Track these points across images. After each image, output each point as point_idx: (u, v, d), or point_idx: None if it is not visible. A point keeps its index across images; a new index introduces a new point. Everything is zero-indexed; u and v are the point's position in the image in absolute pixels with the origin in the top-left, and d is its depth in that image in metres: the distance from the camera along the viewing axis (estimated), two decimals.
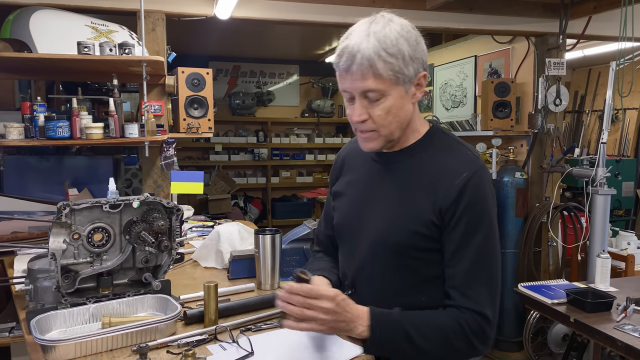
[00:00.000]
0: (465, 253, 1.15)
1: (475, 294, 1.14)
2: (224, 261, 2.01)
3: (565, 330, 3.28)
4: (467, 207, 1.14)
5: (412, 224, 1.17)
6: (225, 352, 1.26)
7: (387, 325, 1.14)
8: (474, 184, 1.14)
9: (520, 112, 4.01)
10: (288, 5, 3.12)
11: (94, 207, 1.48)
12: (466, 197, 1.13)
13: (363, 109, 1.14)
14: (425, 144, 1.24)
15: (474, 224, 1.14)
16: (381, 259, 1.23)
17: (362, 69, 1.09)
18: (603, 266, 2.48)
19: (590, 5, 3.34)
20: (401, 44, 1.10)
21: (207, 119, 2.97)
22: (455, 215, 1.14)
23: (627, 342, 1.88)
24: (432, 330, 1.14)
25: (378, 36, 1.09)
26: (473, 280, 1.15)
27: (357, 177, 1.33)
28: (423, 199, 1.16)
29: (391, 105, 1.13)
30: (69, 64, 2.40)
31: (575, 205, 3.64)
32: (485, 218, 1.16)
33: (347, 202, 1.33)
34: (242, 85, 6.71)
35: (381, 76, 1.10)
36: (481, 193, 1.16)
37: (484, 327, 1.14)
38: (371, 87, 1.11)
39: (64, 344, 1.20)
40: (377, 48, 1.08)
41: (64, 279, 1.46)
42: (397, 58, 1.09)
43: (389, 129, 1.16)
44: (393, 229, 1.19)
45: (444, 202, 1.14)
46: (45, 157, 3.07)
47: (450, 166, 1.17)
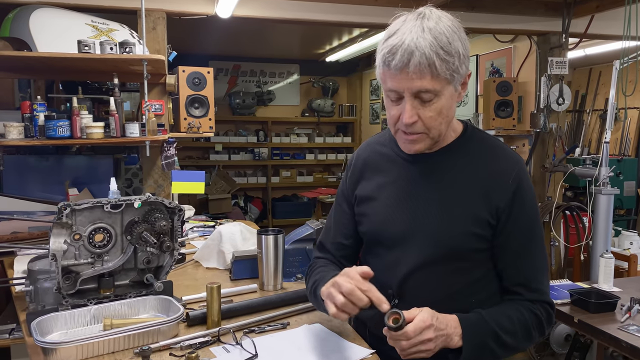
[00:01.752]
0: (529, 249, 1.18)
1: (540, 286, 1.18)
2: (226, 262, 1.99)
3: (568, 331, 3.26)
4: (523, 205, 1.16)
5: (468, 226, 1.14)
6: (228, 354, 1.24)
7: (477, 330, 1.12)
8: (524, 180, 1.17)
9: (522, 112, 4.00)
10: (289, 4, 3.11)
11: (95, 207, 1.47)
12: (520, 196, 1.15)
13: (414, 109, 1.08)
14: (466, 142, 1.21)
15: (531, 220, 1.18)
16: (434, 264, 1.17)
17: (421, 67, 1.02)
18: (606, 266, 2.46)
19: (593, 4, 3.33)
20: (455, 41, 1.05)
21: (208, 119, 2.95)
22: (512, 214, 1.15)
23: (632, 342, 1.87)
24: (516, 325, 1.15)
25: (434, 33, 1.03)
26: (537, 274, 1.19)
27: (390, 180, 1.25)
28: (477, 199, 1.15)
29: (443, 106, 1.09)
30: (69, 63, 2.38)
31: (577, 204, 3.63)
32: (537, 212, 1.20)
33: (382, 207, 1.24)
34: (243, 85, 6.69)
35: (439, 76, 1.04)
36: (530, 188, 1.19)
37: (551, 314, 1.20)
38: (427, 87, 1.05)
39: (65, 346, 1.18)
40: (435, 46, 1.02)
41: (65, 280, 1.44)
42: (453, 56, 1.04)
43: (439, 130, 1.12)
44: (448, 231, 1.15)
45: (500, 202, 1.14)
46: (45, 157, 3.05)
47: (500, 165, 1.18)
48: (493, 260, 1.20)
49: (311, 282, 1.31)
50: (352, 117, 7.06)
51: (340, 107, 7.03)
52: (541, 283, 1.19)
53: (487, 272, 1.20)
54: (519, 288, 1.18)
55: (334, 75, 6.92)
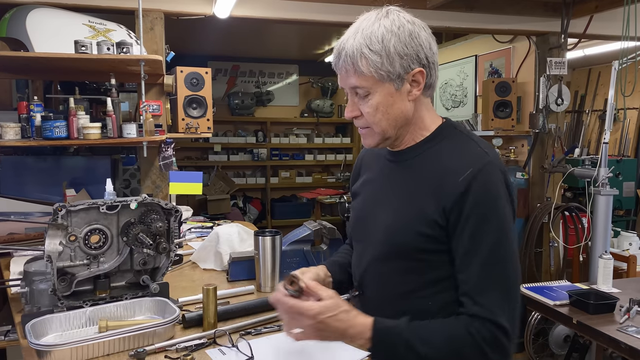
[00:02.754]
0: (475, 257, 1.06)
1: (487, 301, 1.05)
2: (223, 263, 1.98)
3: (567, 332, 3.26)
4: (474, 207, 1.06)
5: (417, 225, 1.12)
6: (224, 356, 1.24)
7: (389, 337, 1.06)
8: (481, 180, 1.06)
9: (521, 112, 3.99)
10: (287, 4, 3.10)
11: (91, 208, 1.46)
12: (471, 196, 1.06)
13: (354, 105, 1.15)
14: (434, 141, 1.18)
15: (482, 225, 1.06)
16: (386, 261, 1.19)
17: (346, 66, 1.10)
18: (605, 267, 2.46)
19: (592, 4, 3.32)
20: (388, 39, 1.07)
21: (206, 119, 2.95)
22: (461, 216, 1.07)
23: (631, 344, 1.86)
24: (440, 339, 1.06)
25: (365, 33, 1.08)
26: (484, 285, 1.06)
27: (372, 177, 1.30)
28: (427, 198, 1.11)
29: (378, 102, 1.11)
30: (66, 63, 2.37)
31: (576, 205, 3.63)
32: (495, 217, 1.07)
33: (360, 202, 1.31)
34: (241, 85, 6.68)
35: (363, 73, 1.09)
36: (489, 190, 1.07)
37: (497, 336, 1.04)
38: (354, 84, 1.11)
39: (59, 348, 1.17)
40: (361, 45, 1.08)
41: (60, 281, 1.43)
42: (380, 55, 1.07)
43: (380, 126, 1.14)
44: (399, 229, 1.15)
45: (447, 201, 1.07)
46: (43, 158, 3.04)
47: (455, 162, 1.10)
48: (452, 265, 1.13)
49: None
50: None
51: (339, 108, 7.02)
52: (488, 298, 1.05)
53: (446, 276, 1.13)
54: (465, 298, 1.08)
55: (333, 76, 6.91)
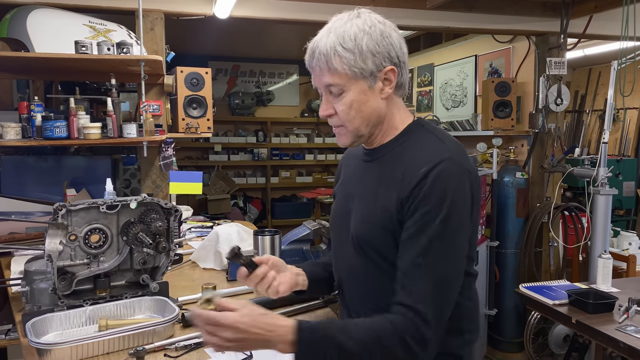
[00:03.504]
0: (412, 247, 1.06)
1: (413, 290, 1.04)
2: (222, 262, 1.99)
3: (567, 331, 3.26)
4: (424, 198, 1.06)
5: (382, 221, 1.13)
6: (223, 355, 1.24)
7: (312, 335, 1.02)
8: (435, 174, 1.06)
9: (521, 112, 3.99)
10: (287, 4, 3.11)
11: (91, 208, 1.47)
12: (424, 188, 1.06)
13: (328, 103, 1.16)
14: (402, 139, 1.19)
15: (428, 216, 1.05)
16: (360, 259, 1.19)
17: (320, 64, 1.12)
18: (605, 267, 2.46)
19: (592, 4, 3.33)
20: (360, 38, 1.10)
21: (206, 119, 2.95)
22: (411, 206, 1.07)
23: (630, 343, 1.87)
24: (363, 331, 1.03)
25: (337, 32, 1.11)
26: (414, 275, 1.05)
27: (347, 177, 1.33)
28: (390, 194, 1.12)
29: (352, 100, 1.13)
30: (66, 64, 2.38)
31: (576, 205, 3.63)
32: (443, 210, 1.05)
33: (335, 203, 1.34)
34: (242, 85, 6.69)
35: (336, 70, 1.10)
36: (441, 183, 1.06)
37: (418, 325, 1.02)
38: (329, 81, 1.12)
39: (59, 347, 1.18)
40: (334, 43, 1.10)
41: (61, 280, 1.44)
42: (353, 53, 1.09)
43: (354, 124, 1.15)
44: (367, 227, 1.17)
45: (403, 194, 1.09)
46: (43, 157, 3.05)
47: (417, 158, 1.11)
48: None
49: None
50: None
51: None
52: (416, 287, 1.04)
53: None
54: (396, 286, 1.07)
55: None
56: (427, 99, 5.37)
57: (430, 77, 5.28)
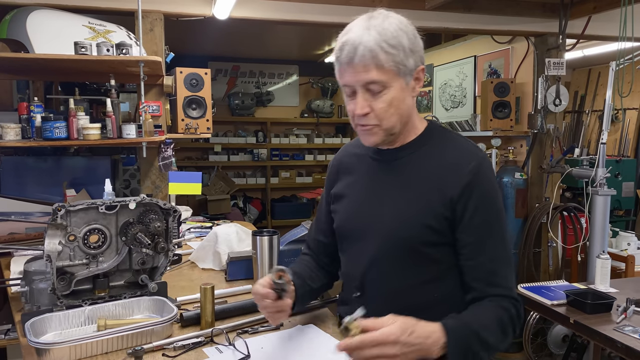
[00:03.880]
0: (488, 243, 1.15)
1: (504, 282, 1.16)
2: (221, 262, 2.00)
3: (565, 331, 3.27)
4: (480, 198, 1.15)
5: (423, 219, 1.16)
6: (221, 354, 1.25)
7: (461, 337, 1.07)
8: (482, 173, 1.16)
9: (520, 113, 4.00)
10: (287, 5, 3.11)
11: (90, 208, 1.47)
12: (477, 188, 1.15)
13: (365, 102, 1.14)
14: (426, 139, 1.24)
15: (490, 213, 1.16)
16: (392, 257, 1.21)
17: (365, 60, 1.10)
18: (603, 267, 2.46)
19: (590, 5, 3.33)
20: (401, 36, 1.12)
21: (206, 120, 2.96)
22: (468, 207, 1.14)
23: (627, 343, 1.87)
24: (493, 323, 1.12)
25: (378, 29, 1.10)
26: (498, 268, 1.16)
27: (357, 178, 1.32)
28: (432, 193, 1.16)
29: (393, 97, 1.14)
30: (66, 64, 2.39)
31: (575, 205, 3.63)
32: (498, 205, 1.18)
33: (349, 203, 1.32)
34: (242, 86, 6.70)
35: (383, 67, 1.10)
36: (489, 181, 1.18)
37: (519, 309, 1.16)
38: (374, 78, 1.11)
39: (58, 346, 1.19)
40: (379, 40, 1.09)
41: (60, 280, 1.45)
42: (398, 49, 1.11)
43: (391, 122, 1.16)
44: (405, 224, 1.18)
45: (454, 193, 1.14)
46: (43, 158, 3.06)
47: (455, 158, 1.18)
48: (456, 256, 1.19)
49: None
50: None
51: (339, 108, 7.03)
52: (504, 279, 1.16)
53: (450, 267, 1.19)
54: (478, 283, 1.16)
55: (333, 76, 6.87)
56: (427, 99, 5.38)
57: (430, 78, 5.28)
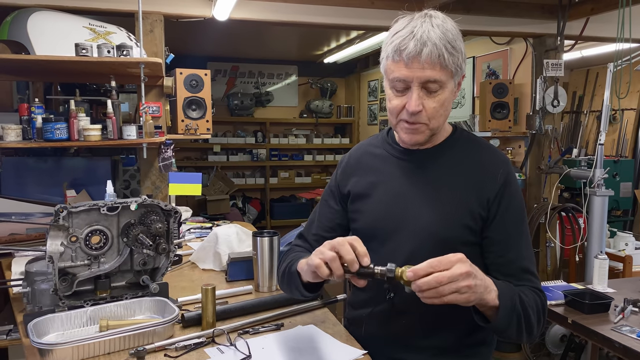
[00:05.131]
0: (518, 241, 1.21)
1: (532, 277, 1.21)
2: (222, 263, 2.01)
3: (563, 331, 3.28)
4: (511, 198, 1.21)
5: (463, 218, 1.20)
6: (222, 355, 1.26)
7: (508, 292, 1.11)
8: (511, 175, 1.24)
9: (519, 113, 4.01)
10: (286, 6, 3.12)
11: (92, 209, 1.48)
12: (508, 189, 1.21)
13: (419, 99, 1.14)
14: (455, 141, 1.28)
15: (519, 213, 1.23)
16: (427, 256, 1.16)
17: (432, 57, 1.09)
18: (601, 267, 2.48)
19: (588, 7, 3.35)
20: (459, 40, 1.15)
21: (205, 120, 2.97)
22: (501, 207, 1.20)
23: (625, 343, 1.88)
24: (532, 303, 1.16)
25: (442, 29, 1.11)
26: (528, 264, 1.22)
27: (383, 178, 1.30)
28: (469, 193, 1.21)
29: (445, 98, 1.16)
30: (66, 66, 2.40)
31: (573, 206, 3.65)
32: (522, 203, 1.25)
33: (377, 203, 1.29)
34: (241, 86, 6.71)
35: (447, 67, 1.12)
36: (516, 183, 1.26)
37: (545, 303, 1.21)
38: (435, 76, 1.11)
39: (61, 347, 1.20)
40: (444, 40, 1.10)
41: (62, 281, 1.46)
42: (458, 51, 1.13)
43: (439, 122, 1.19)
44: (445, 224, 1.20)
45: (490, 194, 1.20)
46: (43, 159, 3.07)
47: (489, 160, 1.25)
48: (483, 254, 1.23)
49: (286, 262, 1.34)
50: (350, 118, 7.08)
51: (338, 108, 7.05)
52: (532, 274, 1.22)
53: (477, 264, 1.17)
54: (511, 279, 1.19)
55: (332, 77, 6.94)
56: None
57: None
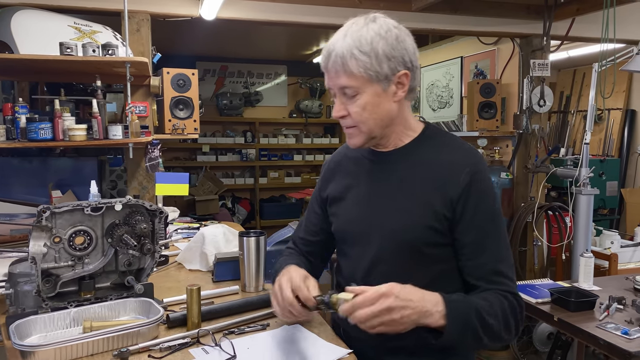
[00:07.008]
0: (487, 243, 1.18)
1: (505, 280, 1.17)
2: (208, 263, 1.99)
3: (550, 329, 3.31)
4: (479, 199, 1.17)
5: (426, 220, 1.18)
6: (207, 355, 1.25)
7: (461, 308, 1.10)
8: (480, 173, 1.19)
9: (506, 113, 4.04)
10: (273, 6, 3.12)
11: (75, 210, 1.47)
12: (475, 189, 1.17)
13: (342, 105, 1.19)
14: (422, 141, 1.26)
15: (490, 214, 1.18)
16: (395, 259, 1.22)
17: (336, 66, 1.15)
18: (586, 265, 2.50)
19: (574, 7, 3.38)
20: (376, 42, 1.13)
21: (193, 120, 2.96)
22: (467, 207, 1.16)
23: (609, 340, 1.90)
24: (497, 309, 1.13)
25: (354, 36, 1.13)
26: (500, 267, 1.17)
27: (356, 181, 1.32)
28: (432, 194, 1.18)
29: (366, 102, 1.16)
30: (51, 65, 2.38)
31: (559, 205, 3.68)
32: (496, 206, 1.20)
33: (349, 205, 1.32)
34: (230, 86, 6.69)
35: (352, 73, 1.13)
36: (487, 182, 1.21)
37: (522, 305, 1.18)
38: (344, 83, 1.15)
39: (43, 349, 1.18)
40: (351, 46, 1.12)
41: (45, 283, 1.44)
42: (369, 56, 1.12)
43: (367, 125, 1.19)
44: (407, 226, 1.19)
45: (454, 194, 1.16)
46: (29, 159, 3.03)
47: (454, 159, 1.20)
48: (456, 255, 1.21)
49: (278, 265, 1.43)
50: None
51: (327, 108, 7.05)
52: (506, 277, 1.18)
53: (451, 267, 1.21)
54: (481, 282, 1.17)
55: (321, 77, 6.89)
56: (414, 100, 5.41)
57: None
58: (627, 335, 1.92)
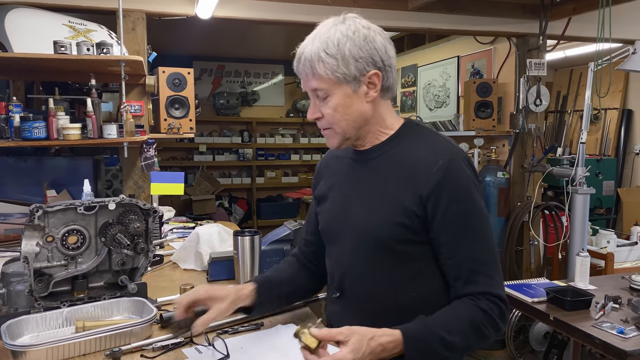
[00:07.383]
0: (465, 242, 1.14)
1: (484, 279, 1.15)
2: (203, 263, 1.99)
3: (547, 328, 3.31)
4: (453, 196, 1.13)
5: (394, 217, 1.16)
6: (200, 355, 1.25)
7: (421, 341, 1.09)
8: (454, 170, 1.14)
9: (502, 112, 4.04)
10: (270, 5, 3.11)
11: (68, 209, 1.46)
12: (447, 185, 1.13)
13: (315, 107, 1.20)
14: (399, 138, 1.23)
15: (467, 211, 1.15)
16: (369, 257, 1.21)
17: (306, 69, 1.16)
18: (582, 264, 2.50)
19: (570, 7, 3.38)
20: (343, 44, 1.13)
21: (189, 119, 2.95)
22: (440, 204, 1.13)
23: (605, 339, 1.90)
24: (463, 325, 1.12)
25: (322, 38, 1.14)
26: (479, 265, 1.15)
27: (339, 180, 1.33)
28: (402, 191, 1.16)
29: (337, 104, 1.16)
30: (45, 64, 2.36)
31: (556, 204, 3.69)
32: (471, 201, 1.15)
33: (330, 205, 1.33)
34: (227, 85, 6.67)
35: (320, 76, 1.14)
36: (463, 179, 1.15)
37: (502, 308, 1.15)
38: (314, 86, 1.16)
39: (34, 349, 1.18)
40: (318, 49, 1.13)
41: (38, 282, 1.43)
42: (335, 58, 1.12)
43: (340, 126, 1.19)
44: (375, 224, 1.18)
45: (424, 190, 1.13)
46: (23, 158, 3.02)
47: (426, 155, 1.17)
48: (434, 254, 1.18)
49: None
50: None
51: None
52: (485, 276, 1.15)
53: (427, 266, 1.19)
54: (458, 282, 1.16)
55: None
56: (411, 99, 5.41)
57: (414, 78, 5.31)
58: (622, 334, 1.91)
